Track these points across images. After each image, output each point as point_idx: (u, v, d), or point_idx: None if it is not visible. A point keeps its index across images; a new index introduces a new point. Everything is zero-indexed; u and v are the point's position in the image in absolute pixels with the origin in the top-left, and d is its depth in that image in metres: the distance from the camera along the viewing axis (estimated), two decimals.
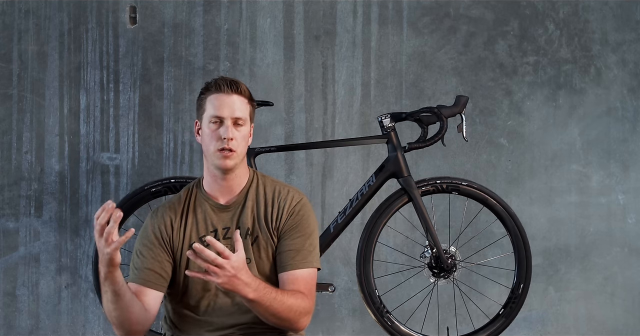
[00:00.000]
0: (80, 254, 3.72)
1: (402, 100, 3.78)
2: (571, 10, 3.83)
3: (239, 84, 2.40)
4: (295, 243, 2.40)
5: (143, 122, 3.73)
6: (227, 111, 2.37)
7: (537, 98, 3.81)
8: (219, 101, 2.38)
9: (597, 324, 3.81)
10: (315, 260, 2.42)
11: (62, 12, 3.72)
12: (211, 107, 2.38)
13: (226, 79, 2.41)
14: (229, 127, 2.36)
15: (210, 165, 2.41)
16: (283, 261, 2.39)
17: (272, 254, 2.43)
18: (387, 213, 3.13)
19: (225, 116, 2.37)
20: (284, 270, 2.39)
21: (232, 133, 2.36)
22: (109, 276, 2.16)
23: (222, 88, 2.38)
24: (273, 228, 2.43)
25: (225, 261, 2.13)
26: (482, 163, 3.80)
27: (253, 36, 3.76)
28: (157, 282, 2.38)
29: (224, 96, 2.38)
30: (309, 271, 2.39)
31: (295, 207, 2.44)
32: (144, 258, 2.39)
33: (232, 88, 2.38)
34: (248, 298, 2.21)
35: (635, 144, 3.84)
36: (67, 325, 3.72)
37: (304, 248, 2.40)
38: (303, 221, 2.43)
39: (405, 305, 3.50)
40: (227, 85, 2.38)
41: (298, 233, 2.42)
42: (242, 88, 2.40)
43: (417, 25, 3.79)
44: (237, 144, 2.37)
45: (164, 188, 3.16)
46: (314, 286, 2.41)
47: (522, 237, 3.17)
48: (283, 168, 3.75)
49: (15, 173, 3.72)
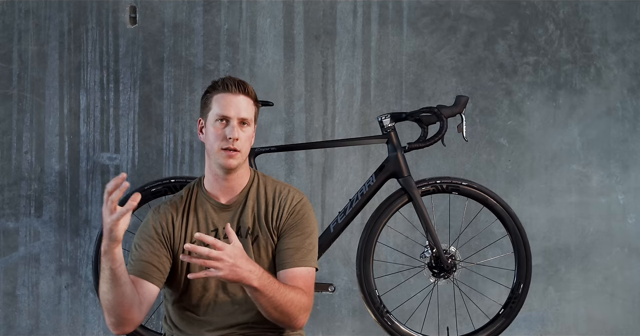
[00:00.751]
0: (80, 254, 3.72)
1: (402, 100, 3.78)
2: (571, 10, 3.83)
3: (246, 85, 2.41)
4: (295, 241, 2.40)
5: (143, 122, 3.73)
6: (234, 111, 2.37)
7: (537, 98, 3.81)
8: (225, 100, 2.38)
9: (597, 324, 3.81)
10: (314, 259, 2.42)
11: (62, 12, 3.72)
12: (217, 106, 2.38)
13: (234, 79, 2.41)
14: (235, 127, 2.36)
15: (213, 164, 2.41)
16: (282, 259, 2.39)
17: (272, 253, 2.43)
18: (387, 213, 3.13)
19: (231, 116, 2.37)
20: (283, 267, 2.39)
21: (237, 133, 2.36)
22: (108, 250, 2.13)
23: (229, 88, 2.38)
24: (273, 227, 2.43)
25: (221, 253, 2.14)
26: (482, 163, 3.80)
27: (253, 36, 3.76)
28: (153, 275, 2.36)
29: (231, 96, 2.38)
30: (307, 269, 2.39)
31: (296, 206, 2.44)
32: (142, 251, 2.38)
33: (239, 89, 2.39)
34: (253, 285, 2.20)
35: (635, 144, 3.84)
36: (67, 325, 3.72)
37: (304, 247, 2.40)
38: (303, 220, 2.43)
39: (405, 305, 3.50)
40: (234, 85, 2.38)
41: (298, 232, 2.42)
42: (249, 89, 2.41)
43: (417, 25, 3.79)
44: (241, 144, 2.37)
45: (164, 188, 3.16)
46: (312, 285, 2.41)
47: (522, 237, 3.17)
48: (283, 168, 3.75)
49: (15, 173, 3.72)
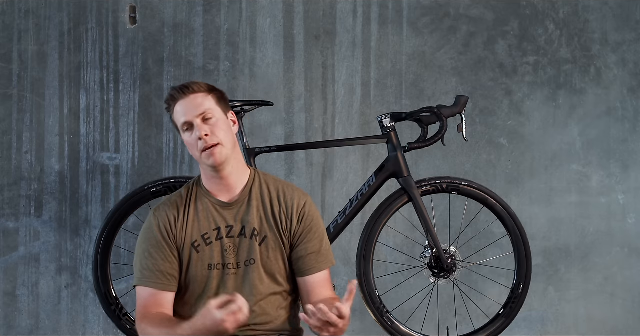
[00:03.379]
0: (80, 254, 3.72)
1: (402, 100, 3.78)
2: (571, 10, 3.83)
3: (189, 84, 2.40)
4: (314, 245, 2.45)
5: (143, 122, 3.73)
6: (190, 113, 2.37)
7: (537, 98, 3.81)
8: (180, 108, 2.39)
9: (597, 324, 3.81)
10: (332, 255, 2.51)
11: (62, 12, 3.72)
12: (177, 117, 2.39)
13: (176, 86, 2.42)
14: (199, 125, 2.36)
15: (205, 168, 2.41)
16: (307, 265, 2.44)
17: (281, 256, 2.44)
18: (387, 213, 3.13)
19: (191, 119, 2.37)
20: (309, 272, 2.44)
21: (204, 130, 2.35)
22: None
23: (176, 97, 2.39)
24: (283, 229, 2.44)
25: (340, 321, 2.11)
26: (482, 163, 3.80)
27: (253, 36, 3.76)
28: (171, 284, 2.39)
29: (181, 102, 2.38)
30: (328, 270, 2.49)
31: (304, 209, 2.46)
32: (155, 261, 2.38)
33: (184, 92, 2.39)
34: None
35: (635, 144, 3.84)
36: (67, 325, 3.72)
37: (322, 248, 2.47)
38: (314, 223, 2.47)
39: (405, 305, 3.50)
40: (178, 91, 2.39)
41: (314, 235, 2.46)
42: (193, 87, 2.40)
43: (417, 25, 3.79)
44: (215, 137, 2.36)
45: (164, 188, 3.16)
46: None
47: (522, 237, 3.17)
48: (283, 168, 3.75)
49: (15, 173, 3.72)
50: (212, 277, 2.40)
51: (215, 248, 2.41)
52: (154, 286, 2.37)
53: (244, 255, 2.41)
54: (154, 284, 2.37)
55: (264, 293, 2.42)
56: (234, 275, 2.40)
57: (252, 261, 2.40)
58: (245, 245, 2.41)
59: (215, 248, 2.41)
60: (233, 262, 2.40)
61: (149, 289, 2.37)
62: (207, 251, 2.40)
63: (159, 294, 2.36)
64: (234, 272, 2.40)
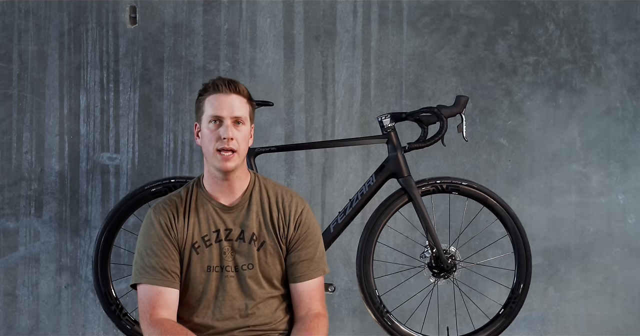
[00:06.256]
0: (80, 254, 3.72)
1: (402, 100, 3.78)
2: (571, 10, 3.83)
3: (237, 84, 2.39)
4: (308, 253, 2.45)
5: (143, 122, 3.73)
6: (226, 110, 2.36)
7: (537, 98, 3.81)
8: (217, 101, 2.36)
9: (597, 324, 3.81)
10: (325, 263, 2.49)
11: (62, 12, 3.72)
12: (210, 108, 2.37)
13: (224, 79, 2.40)
14: (229, 127, 2.35)
15: (211, 167, 2.40)
16: (298, 272, 2.44)
17: (279, 261, 2.44)
18: (387, 213, 3.13)
19: (224, 116, 2.35)
20: (300, 280, 2.44)
21: (232, 132, 2.34)
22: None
23: (220, 89, 2.37)
24: (281, 235, 2.44)
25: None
26: (482, 163, 3.80)
27: (253, 36, 3.76)
28: (174, 281, 2.38)
29: (222, 96, 2.37)
30: (320, 278, 2.46)
31: (301, 216, 2.46)
32: (158, 258, 2.37)
33: (230, 88, 2.37)
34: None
35: (635, 144, 3.84)
36: (67, 325, 3.72)
37: (316, 256, 2.46)
38: (310, 230, 2.47)
39: (405, 305, 3.50)
40: (225, 85, 2.37)
41: (308, 243, 2.46)
42: (240, 88, 2.39)
43: (417, 25, 3.79)
44: (237, 144, 2.35)
45: (164, 188, 3.16)
46: (324, 290, 2.49)
47: (522, 237, 3.17)
48: (283, 168, 3.75)
49: (15, 173, 3.72)
50: (211, 279, 2.40)
51: (214, 251, 2.41)
52: (160, 284, 2.35)
53: (242, 259, 2.41)
54: (160, 281, 2.35)
55: (262, 297, 2.43)
56: (232, 277, 2.40)
57: (251, 266, 2.41)
58: (244, 249, 2.41)
59: (214, 250, 2.41)
60: (231, 265, 2.40)
61: (155, 287, 2.35)
62: (206, 253, 2.40)
63: (165, 292, 2.35)
64: (233, 275, 2.40)
